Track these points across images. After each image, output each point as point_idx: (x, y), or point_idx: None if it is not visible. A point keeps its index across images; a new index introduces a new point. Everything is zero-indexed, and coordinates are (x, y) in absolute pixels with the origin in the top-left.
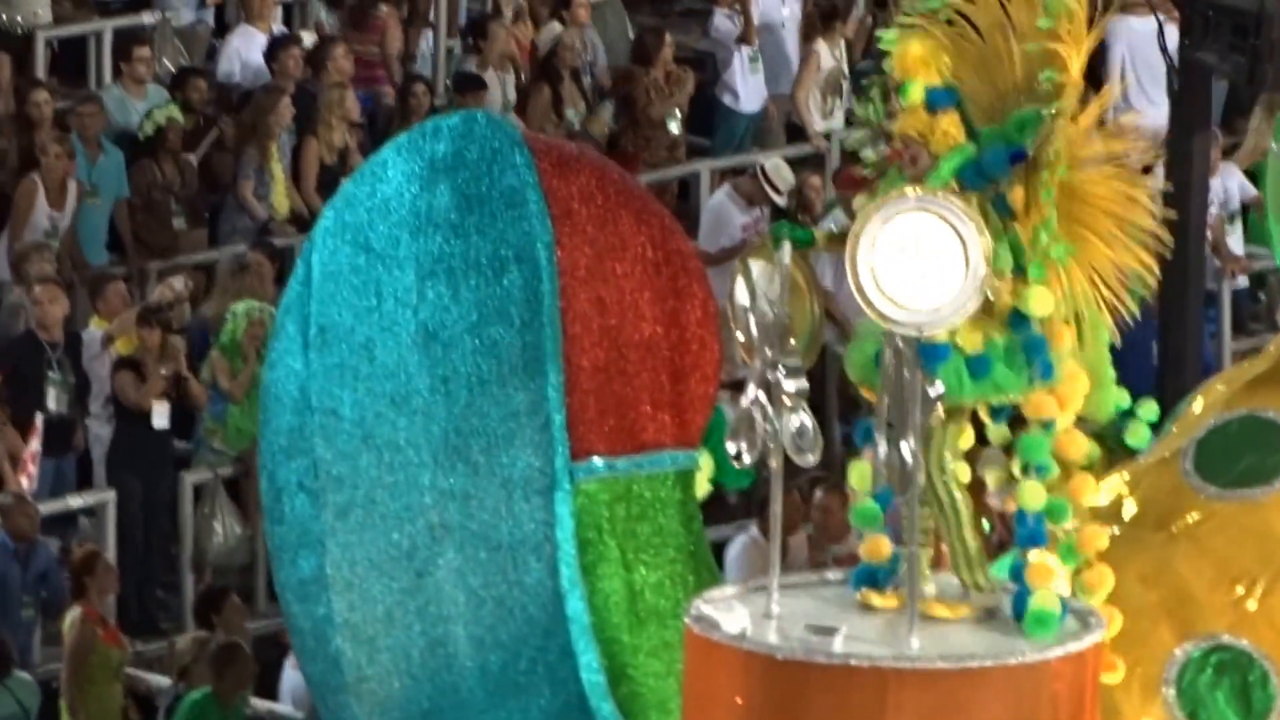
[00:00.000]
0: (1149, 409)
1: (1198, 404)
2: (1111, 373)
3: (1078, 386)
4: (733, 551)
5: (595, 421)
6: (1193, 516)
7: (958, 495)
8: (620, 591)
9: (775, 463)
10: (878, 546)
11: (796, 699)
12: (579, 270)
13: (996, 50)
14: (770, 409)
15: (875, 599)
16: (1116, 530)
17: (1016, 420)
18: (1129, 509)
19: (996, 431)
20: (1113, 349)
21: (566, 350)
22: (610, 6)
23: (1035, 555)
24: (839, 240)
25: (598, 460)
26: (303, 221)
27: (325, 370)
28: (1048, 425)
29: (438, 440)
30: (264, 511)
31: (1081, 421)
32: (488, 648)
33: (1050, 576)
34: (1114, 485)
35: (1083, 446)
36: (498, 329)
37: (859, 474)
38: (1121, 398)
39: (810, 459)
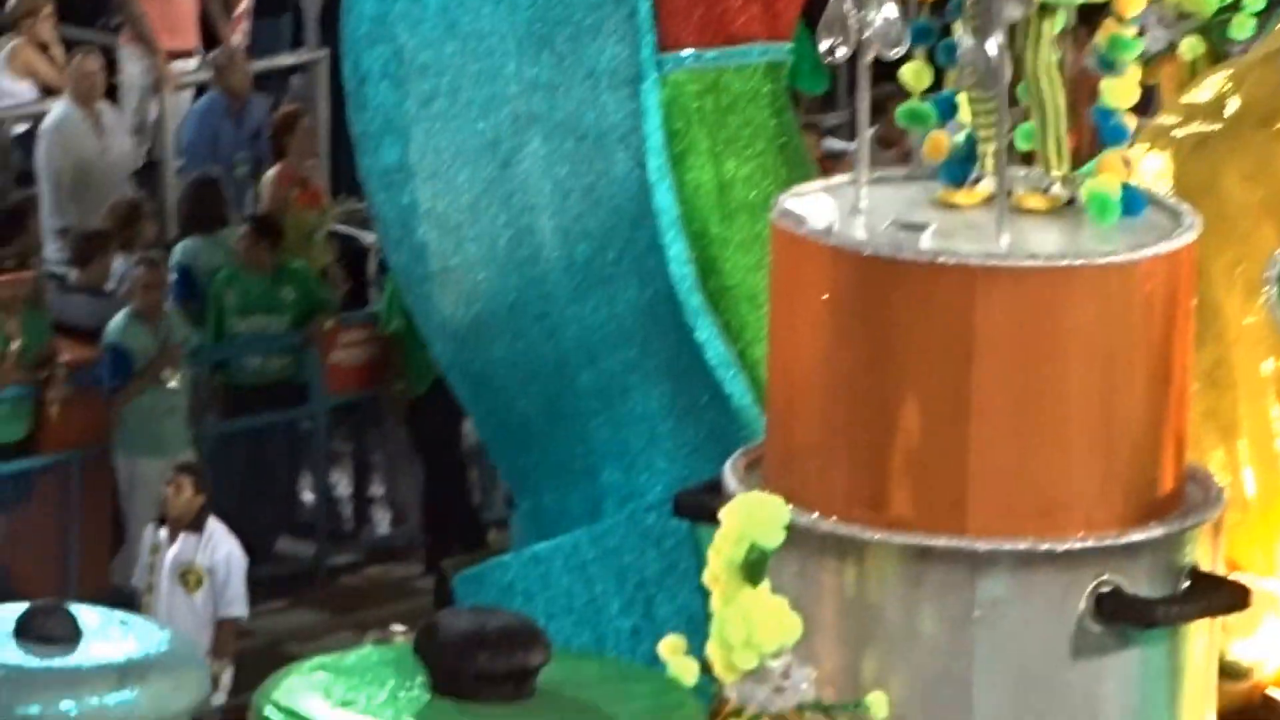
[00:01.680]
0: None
1: None
2: None
3: None
4: None
5: (683, 12)
6: None
7: (1056, 86)
8: (709, 183)
9: (865, 59)
10: (938, 143)
11: (883, 296)
12: None
13: None
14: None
15: (960, 196)
16: (1219, 127)
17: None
18: (1232, 106)
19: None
20: None
21: None
22: None
23: (1112, 151)
24: None
25: (686, 51)
26: None
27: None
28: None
29: (522, 29)
30: (348, 98)
31: (1185, 17)
32: (574, 239)
33: (1118, 167)
34: (1217, 82)
35: None
36: None
37: (914, 73)
38: None
39: (898, 51)
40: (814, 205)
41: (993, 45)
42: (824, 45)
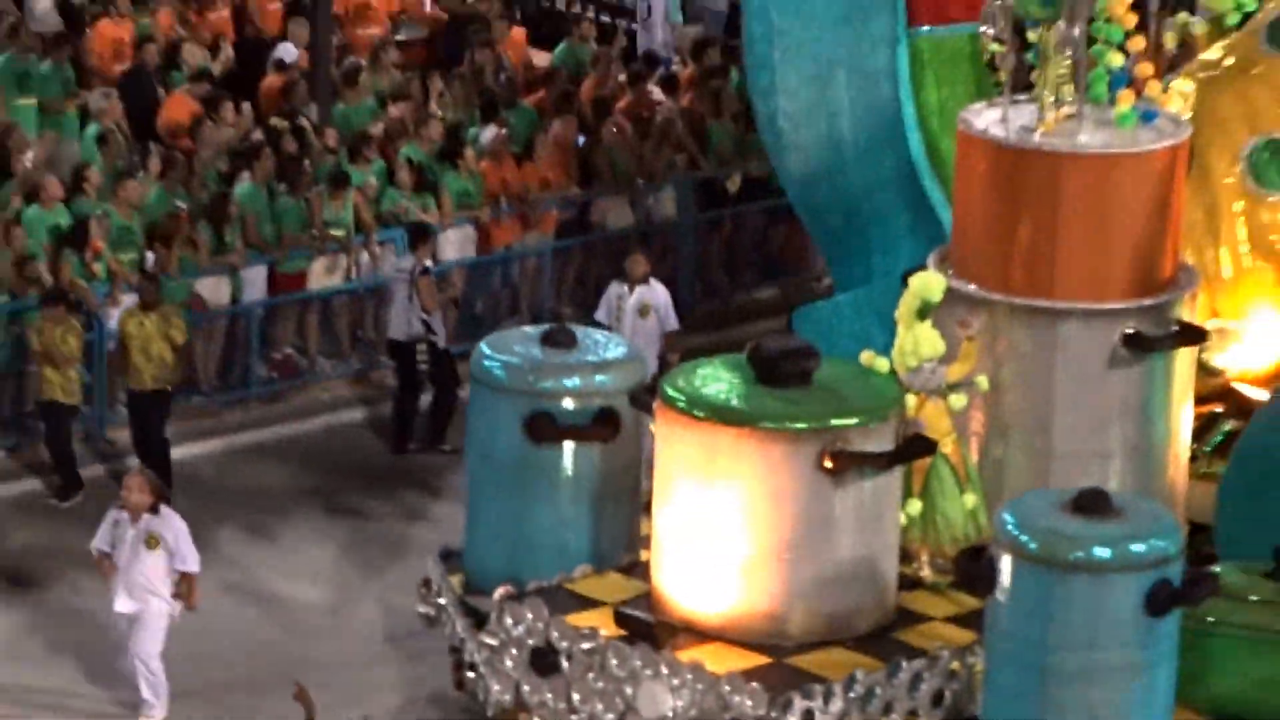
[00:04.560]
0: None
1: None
2: None
3: None
4: None
5: (921, 4)
6: (1260, 67)
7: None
8: (932, 102)
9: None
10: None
11: (1009, 165)
12: None
13: None
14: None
15: (1051, 116)
16: (1219, 71)
17: None
18: (1226, 61)
19: None
20: None
21: None
22: None
23: (1123, 93)
24: None
25: (923, 27)
26: None
27: None
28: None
29: (837, 10)
30: (748, 47)
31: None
32: (860, 130)
33: (1128, 100)
34: (1219, 46)
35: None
36: None
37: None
38: None
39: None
40: (981, 116)
41: (1078, 29)
42: (983, 28)
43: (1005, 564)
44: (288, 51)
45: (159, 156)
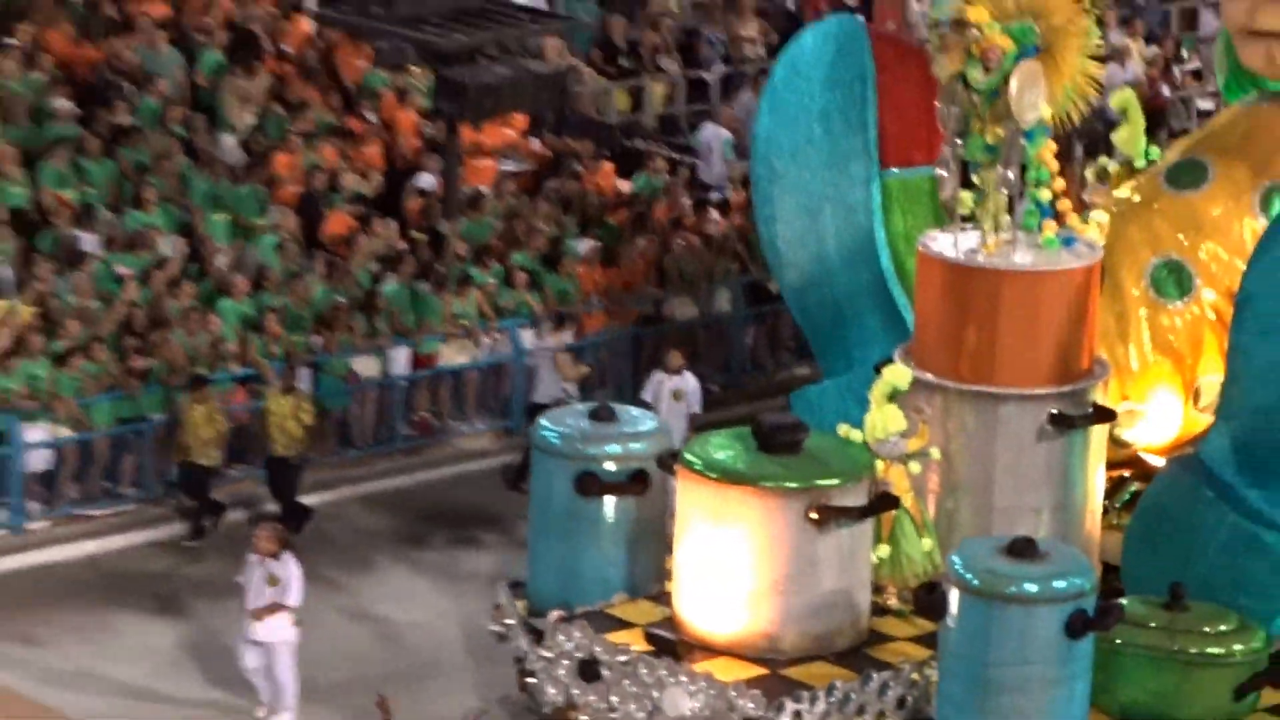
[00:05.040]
0: (1153, 151)
1: (1173, 150)
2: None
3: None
4: None
5: (891, 150)
6: (1160, 203)
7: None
8: (899, 228)
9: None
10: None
11: (959, 281)
12: (885, 85)
13: None
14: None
15: (992, 241)
16: (1129, 206)
17: None
18: (1134, 197)
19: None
20: None
21: (880, 117)
22: None
23: (1048, 222)
24: None
25: (893, 170)
26: None
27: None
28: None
29: (825, 152)
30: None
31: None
32: (842, 249)
33: (1052, 229)
34: (1127, 187)
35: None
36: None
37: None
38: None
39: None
40: (937, 240)
41: (1013, 172)
42: (938, 170)
43: (954, 596)
44: (425, 179)
45: (323, 261)
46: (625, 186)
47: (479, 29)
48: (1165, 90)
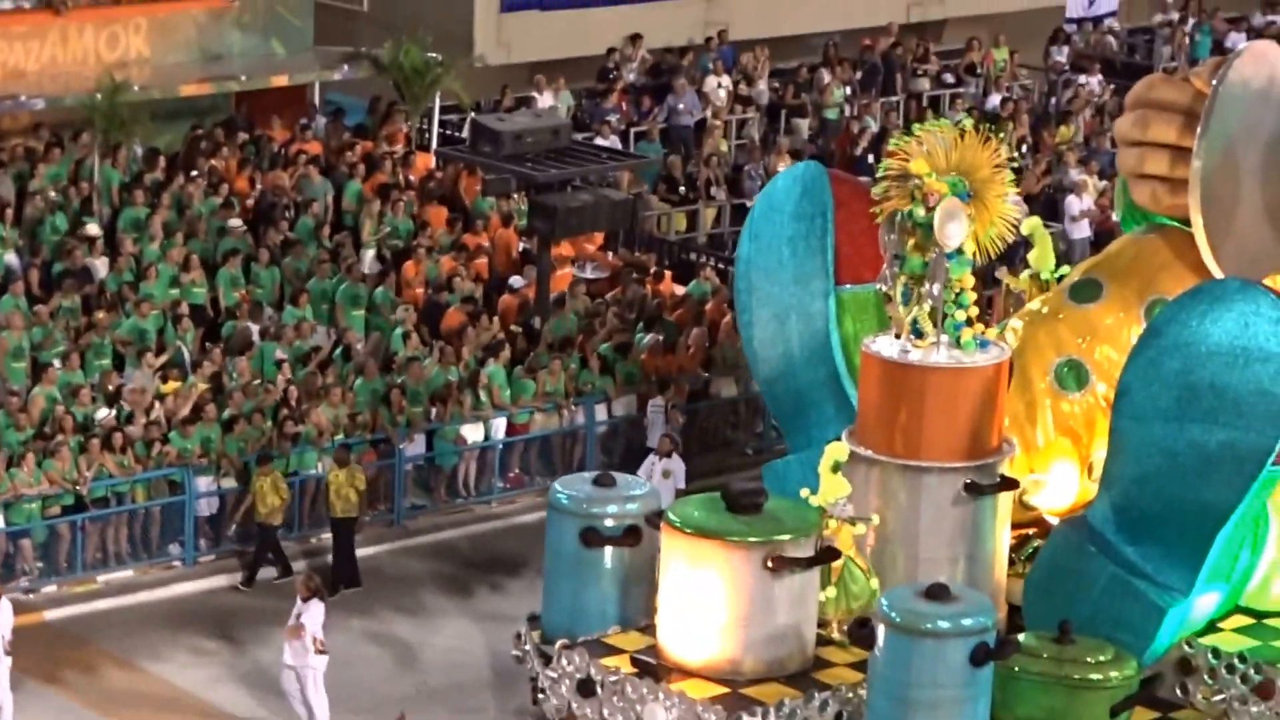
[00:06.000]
0: (1063, 269)
1: (1075, 271)
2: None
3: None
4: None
5: (844, 270)
6: (1064, 314)
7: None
8: (850, 331)
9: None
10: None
11: (896, 376)
12: (840, 218)
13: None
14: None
15: (917, 345)
16: (1038, 316)
17: None
18: (1043, 309)
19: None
20: None
21: (836, 243)
22: None
23: (967, 329)
24: None
25: (846, 286)
26: None
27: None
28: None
29: (791, 269)
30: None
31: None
32: (804, 350)
33: (970, 334)
34: (1037, 300)
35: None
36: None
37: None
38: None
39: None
40: (877, 342)
41: (938, 288)
42: (879, 285)
43: (881, 631)
44: (519, 281)
45: (438, 349)
46: (680, 289)
47: (568, 164)
48: (1114, 216)
